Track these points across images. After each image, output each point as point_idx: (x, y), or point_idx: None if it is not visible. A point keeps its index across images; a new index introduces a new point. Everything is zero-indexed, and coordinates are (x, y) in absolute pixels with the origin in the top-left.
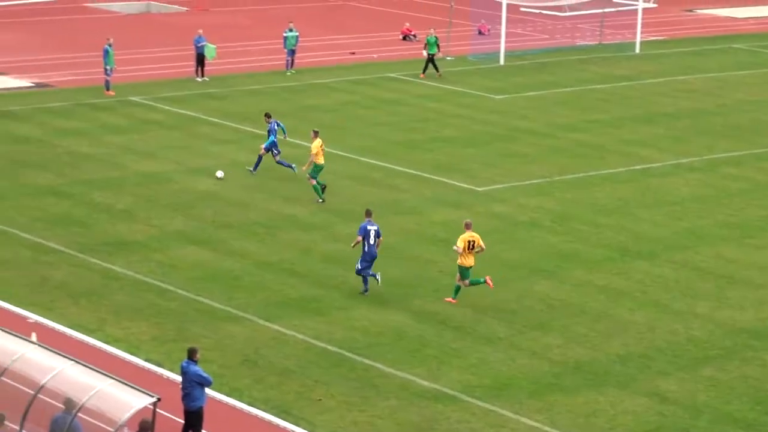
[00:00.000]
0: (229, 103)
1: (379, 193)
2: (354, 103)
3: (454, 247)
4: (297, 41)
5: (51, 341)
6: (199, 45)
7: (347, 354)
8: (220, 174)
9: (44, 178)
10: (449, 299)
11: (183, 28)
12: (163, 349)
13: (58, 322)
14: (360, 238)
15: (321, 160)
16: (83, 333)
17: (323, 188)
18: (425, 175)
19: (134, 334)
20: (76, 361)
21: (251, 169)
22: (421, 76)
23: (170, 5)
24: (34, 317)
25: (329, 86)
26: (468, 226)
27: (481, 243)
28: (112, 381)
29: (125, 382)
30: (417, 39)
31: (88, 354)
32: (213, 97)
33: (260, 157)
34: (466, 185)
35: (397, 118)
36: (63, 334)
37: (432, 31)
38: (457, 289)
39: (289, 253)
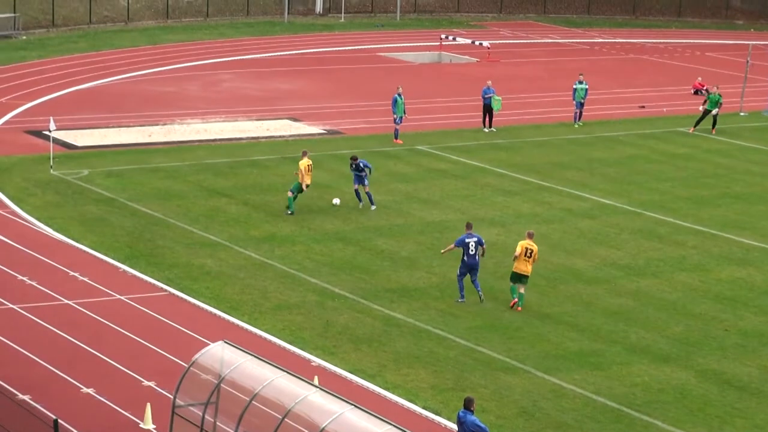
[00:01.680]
0: (515, 154)
1: (664, 249)
2: (641, 157)
3: (515, 255)
4: (586, 94)
5: (332, 385)
6: (487, 96)
7: (626, 410)
8: (336, 201)
9: (332, 224)
10: (513, 302)
11: (473, 79)
12: (441, 398)
13: (339, 367)
14: (452, 247)
15: (308, 180)
16: (363, 378)
17: (288, 206)
18: (713, 231)
19: (413, 381)
20: (356, 406)
21: (366, 205)
22: (691, 130)
23: (461, 56)
24: (317, 361)
25: (617, 139)
26: (530, 236)
27: (537, 256)
28: (390, 427)
29: (403, 428)
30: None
31: (368, 399)
32: (500, 148)
33: (357, 193)
34: (755, 243)
35: (685, 173)
36: (344, 379)
37: (715, 88)
38: (521, 297)
39: (569, 305)
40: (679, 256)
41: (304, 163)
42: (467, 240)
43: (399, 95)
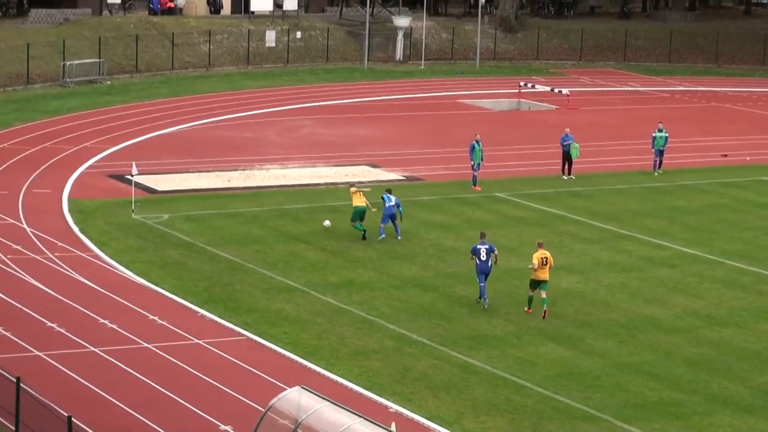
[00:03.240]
0: (594, 202)
1: (747, 298)
2: (723, 206)
3: (530, 266)
4: (666, 142)
5: None
6: (566, 143)
7: None
8: (327, 223)
9: (410, 270)
10: (527, 309)
11: (551, 126)
12: None
13: (416, 413)
14: (473, 257)
15: (358, 202)
16: (441, 425)
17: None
18: None
19: (490, 429)
20: None
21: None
22: None
23: (540, 103)
24: (394, 407)
25: (698, 188)
26: (540, 245)
27: (552, 261)
28: None
29: None
30: None
31: None
32: (578, 196)
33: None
34: None
35: None
36: (421, 425)
37: None
38: (543, 301)
39: (649, 354)
40: (763, 305)
41: (354, 189)
42: (479, 247)
43: (477, 142)
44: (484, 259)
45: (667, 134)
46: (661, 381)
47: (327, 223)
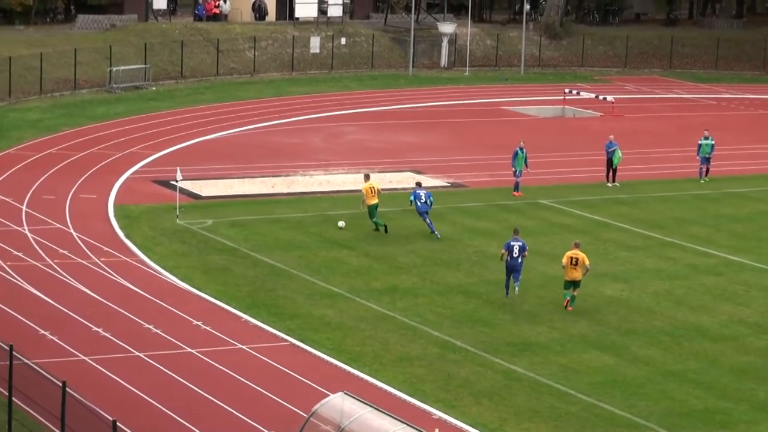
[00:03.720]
0: (638, 210)
1: None
2: None
3: (563, 265)
4: (712, 149)
5: None
6: (610, 150)
7: None
8: (341, 224)
9: (454, 277)
10: (568, 308)
11: (596, 133)
12: None
13: (460, 420)
14: (505, 252)
15: (370, 201)
16: None
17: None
18: None
19: None
20: None
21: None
22: None
23: (584, 110)
24: (437, 414)
25: (746, 195)
26: (576, 245)
27: (586, 262)
28: None
29: None
30: None
31: None
32: (622, 203)
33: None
34: None
35: None
36: None
37: None
38: (573, 298)
39: (694, 362)
40: None
41: (367, 186)
42: (513, 243)
43: (520, 149)
44: (515, 255)
45: (713, 142)
46: (707, 389)
47: (341, 223)
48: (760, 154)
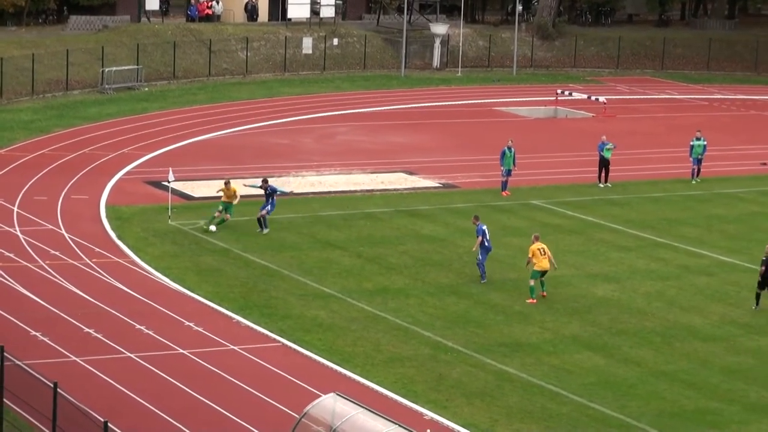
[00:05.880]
0: (630, 210)
1: None
2: (762, 214)
3: (527, 262)
4: (704, 150)
5: None
6: (602, 151)
7: None
8: (212, 228)
9: (446, 277)
10: (531, 300)
11: (588, 134)
12: None
13: (451, 421)
14: (479, 239)
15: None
16: None
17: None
18: None
19: None
20: None
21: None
22: None
23: (577, 111)
24: (429, 414)
25: (737, 196)
26: (536, 239)
27: (548, 252)
28: None
29: None
30: None
31: None
32: (614, 204)
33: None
34: None
35: None
36: None
37: None
38: (536, 291)
39: (686, 363)
40: None
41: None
42: (483, 227)
43: (508, 148)
44: (488, 237)
45: (705, 142)
46: (698, 390)
47: (213, 228)
48: (751, 155)
